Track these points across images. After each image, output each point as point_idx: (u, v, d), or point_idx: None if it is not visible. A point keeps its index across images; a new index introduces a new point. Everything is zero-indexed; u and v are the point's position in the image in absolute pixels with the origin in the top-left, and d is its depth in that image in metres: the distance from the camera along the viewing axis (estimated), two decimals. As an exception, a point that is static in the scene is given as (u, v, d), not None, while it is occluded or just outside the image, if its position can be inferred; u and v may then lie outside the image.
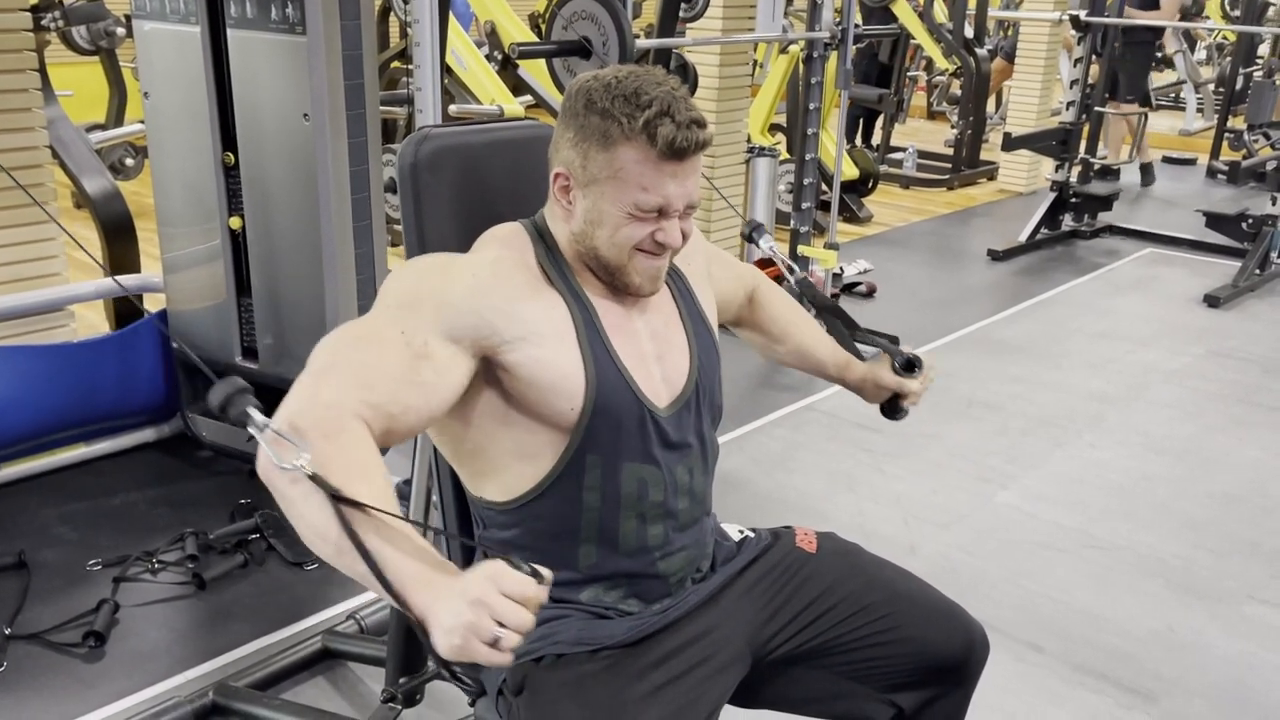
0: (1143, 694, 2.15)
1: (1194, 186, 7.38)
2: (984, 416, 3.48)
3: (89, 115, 5.50)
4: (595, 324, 1.25)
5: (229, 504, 2.70)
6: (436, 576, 0.96)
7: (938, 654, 1.33)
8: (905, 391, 1.55)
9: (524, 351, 1.19)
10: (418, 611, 0.95)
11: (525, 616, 0.92)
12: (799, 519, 1.56)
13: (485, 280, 1.21)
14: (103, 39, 5.26)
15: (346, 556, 0.98)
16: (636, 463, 1.25)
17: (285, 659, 2.11)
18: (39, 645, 2.16)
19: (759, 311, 1.62)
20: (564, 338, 1.22)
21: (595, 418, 1.21)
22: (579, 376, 1.21)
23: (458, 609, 0.92)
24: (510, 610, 0.92)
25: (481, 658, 0.91)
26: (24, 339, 2.79)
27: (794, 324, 1.63)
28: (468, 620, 0.91)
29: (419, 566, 0.97)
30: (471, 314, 1.18)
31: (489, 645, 0.91)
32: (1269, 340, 4.31)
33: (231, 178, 2.64)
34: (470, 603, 0.91)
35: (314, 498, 0.99)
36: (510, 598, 0.92)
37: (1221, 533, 2.79)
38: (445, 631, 0.92)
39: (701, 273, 1.42)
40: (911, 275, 5.11)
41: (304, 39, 2.34)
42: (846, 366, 1.61)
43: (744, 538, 1.44)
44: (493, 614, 0.91)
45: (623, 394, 1.23)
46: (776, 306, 1.62)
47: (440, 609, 0.93)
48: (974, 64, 6.86)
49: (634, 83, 1.18)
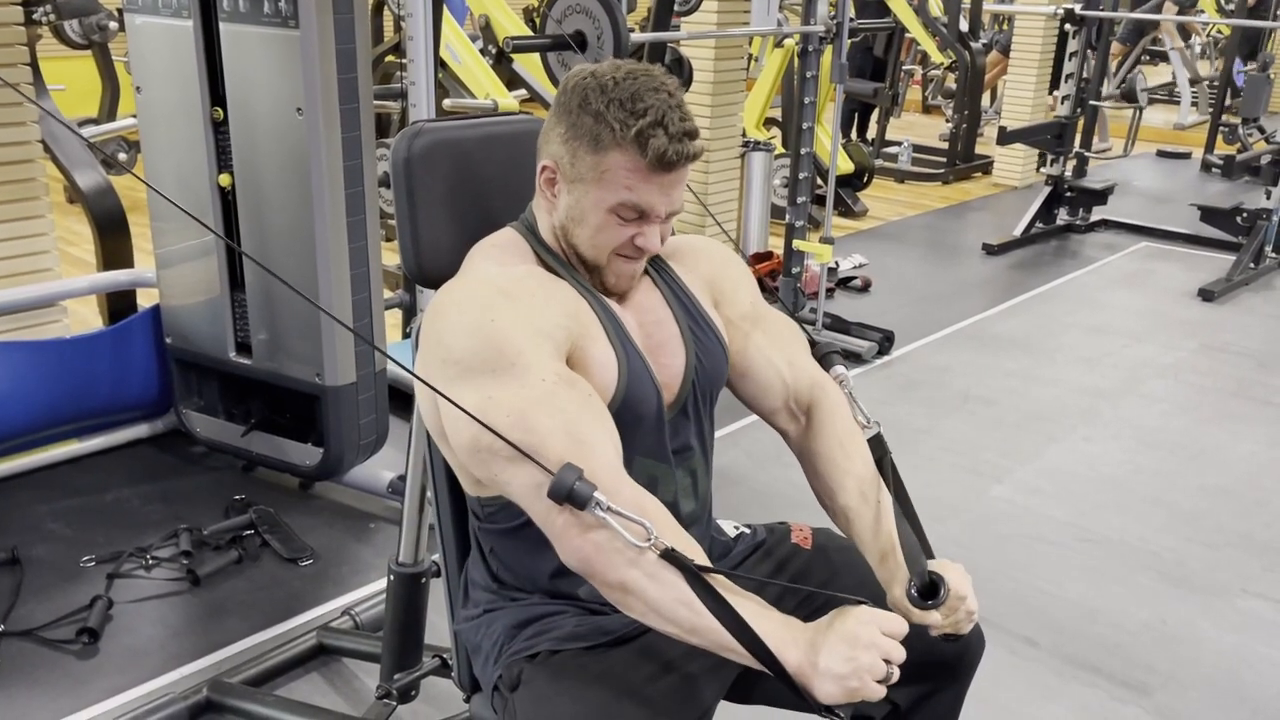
0: (1136, 686, 2.15)
1: (1188, 181, 7.39)
2: (978, 411, 3.48)
3: (82, 110, 5.49)
4: (615, 317, 1.25)
5: (223, 500, 2.69)
6: (797, 629, 1.05)
7: (933, 649, 1.33)
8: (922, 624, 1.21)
9: (582, 347, 1.20)
10: (793, 668, 1.02)
11: (902, 650, 1.03)
12: (794, 513, 1.56)
13: (538, 291, 1.21)
14: (95, 33, 5.24)
15: (708, 631, 1.03)
16: (649, 459, 1.25)
17: (280, 655, 2.10)
18: (32, 642, 2.15)
19: (813, 443, 1.34)
20: (598, 330, 1.22)
21: (622, 410, 1.20)
22: (613, 368, 1.21)
23: (849, 655, 1.00)
24: (894, 648, 1.02)
25: (873, 695, 1.01)
26: (16, 334, 2.78)
27: (848, 475, 1.32)
28: (865, 664, 1.00)
29: (781, 625, 1.05)
30: (554, 327, 1.17)
31: (879, 682, 1.01)
32: (1263, 334, 4.32)
33: (222, 136, 2.60)
34: (863, 648, 1.01)
35: (662, 575, 1.04)
36: (889, 635, 1.03)
37: (1215, 526, 2.80)
38: (838, 679, 1.00)
39: (702, 289, 1.36)
40: (906, 269, 5.11)
41: (297, 33, 2.33)
42: (882, 561, 1.27)
43: (740, 534, 1.44)
44: (882, 654, 1.01)
45: (647, 387, 1.23)
46: (833, 445, 1.33)
47: (825, 660, 1.01)
48: (969, 58, 6.86)
49: (631, 86, 1.17)
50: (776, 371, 1.37)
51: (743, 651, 1.02)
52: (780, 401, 1.38)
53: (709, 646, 1.05)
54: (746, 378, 1.38)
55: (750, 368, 1.37)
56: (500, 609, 1.30)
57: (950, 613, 1.20)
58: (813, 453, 1.35)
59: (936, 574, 1.20)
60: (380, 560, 2.48)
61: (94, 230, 3.15)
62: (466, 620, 1.35)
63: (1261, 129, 6.22)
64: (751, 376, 1.37)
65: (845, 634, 1.02)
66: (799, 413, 1.38)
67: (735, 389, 1.40)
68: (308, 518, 2.66)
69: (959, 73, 7.06)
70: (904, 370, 3.83)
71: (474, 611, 1.33)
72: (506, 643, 1.27)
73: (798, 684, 1.02)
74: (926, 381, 3.73)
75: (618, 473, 1.09)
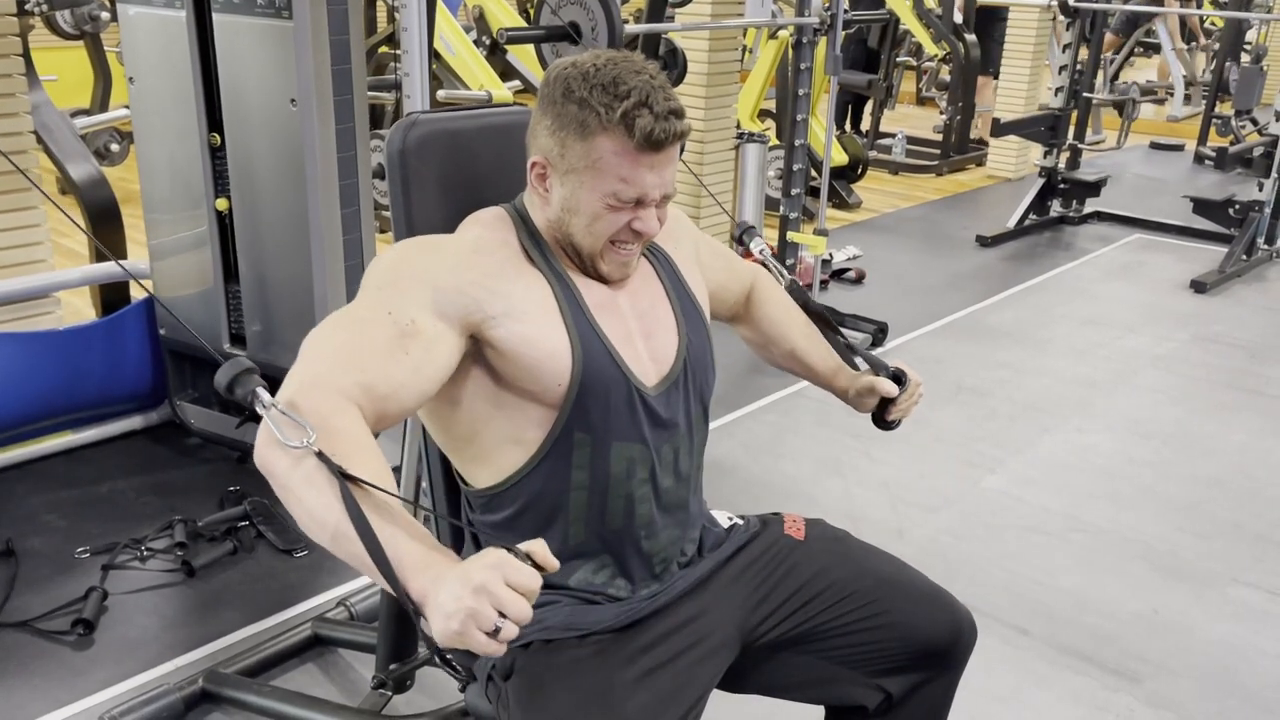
0: (1128, 675, 2.17)
1: (1181, 172, 7.40)
2: (972, 402, 3.49)
3: (74, 101, 5.46)
4: (579, 302, 1.25)
5: (217, 491, 2.69)
6: (437, 560, 0.96)
7: (925, 639, 1.34)
8: (887, 395, 1.52)
9: (509, 328, 1.20)
10: (415, 595, 0.94)
11: (526, 608, 0.92)
12: (788, 504, 1.57)
13: (468, 257, 1.22)
14: (87, 23, 5.22)
15: (344, 540, 0.97)
16: (625, 442, 1.25)
17: (275, 646, 2.11)
18: (28, 633, 2.15)
19: (755, 310, 1.60)
20: (549, 315, 1.23)
21: (583, 394, 1.21)
22: (565, 353, 1.21)
23: (459, 594, 0.90)
24: (513, 600, 0.91)
25: (478, 646, 0.91)
26: (9, 326, 2.77)
27: (789, 326, 1.60)
28: (469, 606, 0.90)
29: (420, 549, 0.96)
30: (455, 290, 1.18)
31: (487, 634, 0.90)
32: (1255, 325, 4.34)
33: (218, 160, 2.61)
34: (474, 589, 0.90)
35: (316, 479, 0.99)
36: (513, 588, 0.91)
37: (1206, 516, 2.81)
38: (445, 616, 0.91)
39: (690, 256, 1.42)
40: (900, 261, 5.12)
41: (290, 23, 2.32)
42: (836, 373, 1.58)
43: (733, 524, 1.44)
44: (495, 603, 0.90)
45: (609, 370, 1.24)
46: (773, 306, 1.60)
47: (440, 593, 0.92)
48: (963, 49, 6.86)
49: (612, 71, 1.18)
50: (737, 279, 1.57)
51: (377, 571, 0.95)
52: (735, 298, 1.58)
53: (352, 562, 0.99)
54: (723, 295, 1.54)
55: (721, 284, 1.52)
56: (494, 599, 1.30)
57: (909, 396, 1.54)
58: (757, 318, 1.60)
59: (899, 368, 1.54)
60: (375, 551, 2.48)
61: (86, 222, 3.14)
62: (460, 610, 1.35)
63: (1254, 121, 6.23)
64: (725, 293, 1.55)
65: (463, 574, 0.92)
66: (743, 297, 1.59)
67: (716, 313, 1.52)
68: (302, 509, 2.66)
69: (953, 64, 7.06)
70: (898, 361, 3.83)
71: (468, 602, 1.34)
72: (501, 632, 1.27)
73: (417, 614, 0.94)
74: (920, 373, 3.71)
75: (321, 385, 1.07)
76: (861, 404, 1.56)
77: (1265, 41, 8.34)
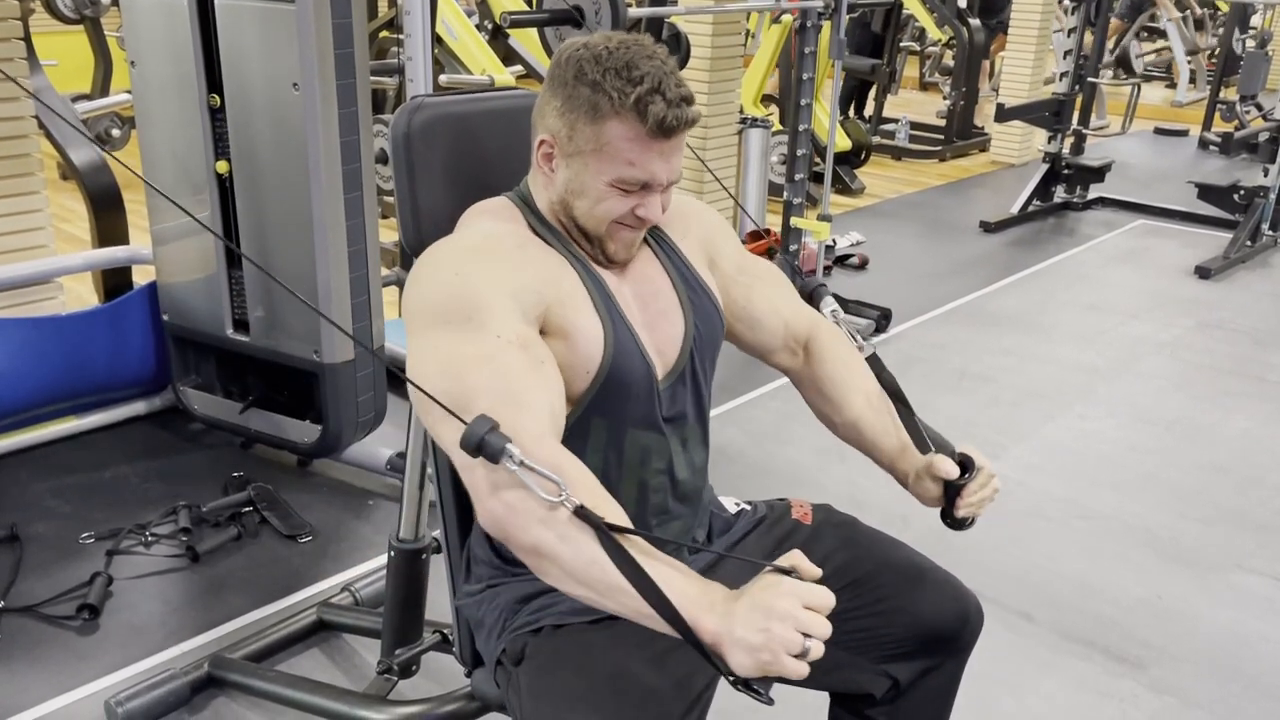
0: (1131, 661, 2.17)
1: (1186, 158, 7.38)
2: (975, 388, 3.49)
3: (74, 85, 5.44)
4: (605, 288, 1.25)
5: (221, 477, 2.70)
6: (715, 596, 0.98)
7: (933, 624, 1.34)
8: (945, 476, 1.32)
9: (561, 315, 1.20)
10: (709, 636, 0.96)
11: (828, 624, 0.95)
12: (792, 490, 1.56)
13: (514, 253, 1.21)
14: (87, 7, 5.20)
15: (618, 594, 0.98)
16: (641, 429, 1.25)
17: (280, 631, 2.11)
18: (33, 618, 2.16)
19: (816, 368, 1.45)
20: (583, 300, 1.22)
21: (608, 382, 1.21)
22: (599, 339, 1.21)
23: (762, 625, 0.94)
24: (813, 621, 0.95)
25: (789, 671, 0.94)
26: (12, 311, 2.77)
27: (853, 390, 1.42)
28: (778, 636, 0.93)
29: (695, 587, 0.99)
30: (524, 290, 1.17)
31: (795, 657, 0.94)
32: (1259, 312, 4.33)
33: (218, 127, 2.58)
34: (778, 619, 0.94)
35: (570, 534, 0.99)
36: (811, 608, 0.95)
37: (1209, 502, 2.81)
38: (751, 650, 0.94)
39: (697, 251, 1.39)
40: (904, 247, 5.11)
41: (293, 7, 2.31)
42: (901, 453, 1.39)
43: (740, 510, 1.44)
44: (798, 626, 0.94)
45: (635, 359, 1.24)
46: (838, 366, 1.43)
47: (736, 629, 0.95)
48: (967, 34, 6.83)
49: (625, 55, 1.17)
50: (779, 316, 1.44)
51: (657, 617, 0.97)
52: (780, 341, 1.45)
53: (624, 613, 1.00)
54: (755, 327, 1.44)
55: (758, 317, 1.43)
56: (504, 584, 1.31)
57: (980, 487, 1.31)
58: (818, 377, 1.44)
59: (966, 454, 1.32)
60: (379, 536, 2.48)
61: (89, 207, 3.13)
62: (468, 595, 1.35)
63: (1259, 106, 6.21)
64: (759, 324, 1.44)
65: (761, 604, 0.95)
66: (797, 348, 1.46)
67: (739, 338, 1.45)
68: (306, 494, 2.66)
69: (957, 49, 7.03)
70: (901, 348, 3.83)
71: (477, 587, 1.34)
72: (510, 617, 1.27)
73: (712, 653, 0.96)
74: (924, 359, 3.73)
75: (542, 435, 1.05)
76: (923, 490, 1.36)
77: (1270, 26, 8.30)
